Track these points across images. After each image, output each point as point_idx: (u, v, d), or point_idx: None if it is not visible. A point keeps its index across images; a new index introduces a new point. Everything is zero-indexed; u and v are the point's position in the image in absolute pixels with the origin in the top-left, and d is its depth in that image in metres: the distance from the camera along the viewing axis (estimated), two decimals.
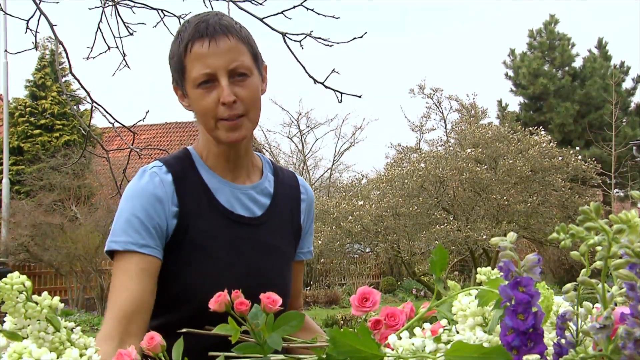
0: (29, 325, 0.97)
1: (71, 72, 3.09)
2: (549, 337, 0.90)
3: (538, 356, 0.77)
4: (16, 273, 0.95)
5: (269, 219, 1.65)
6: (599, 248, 0.76)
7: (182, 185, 1.57)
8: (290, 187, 1.74)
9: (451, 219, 14.18)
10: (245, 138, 1.59)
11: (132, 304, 1.47)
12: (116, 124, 3.14)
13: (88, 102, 3.10)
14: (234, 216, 1.60)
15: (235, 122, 1.53)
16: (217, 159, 1.62)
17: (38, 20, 2.94)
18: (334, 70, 2.68)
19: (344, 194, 17.70)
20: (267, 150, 22.88)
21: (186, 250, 1.55)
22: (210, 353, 1.01)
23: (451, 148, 16.50)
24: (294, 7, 2.86)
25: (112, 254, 1.54)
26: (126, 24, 3.20)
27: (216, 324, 1.36)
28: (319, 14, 2.89)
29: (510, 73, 24.94)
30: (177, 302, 1.57)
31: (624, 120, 23.22)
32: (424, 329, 0.92)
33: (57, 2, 2.99)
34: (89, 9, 3.12)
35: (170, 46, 1.61)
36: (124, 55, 3.26)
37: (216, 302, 0.98)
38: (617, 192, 20.93)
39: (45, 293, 1.00)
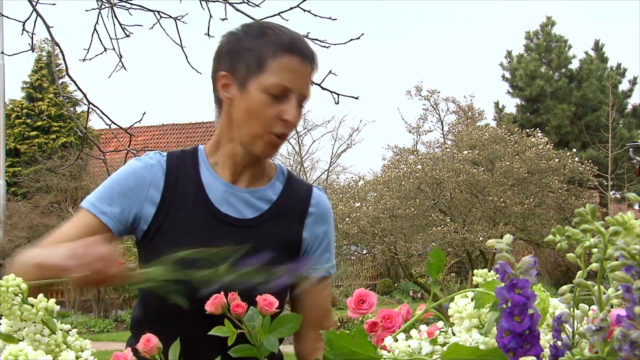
0: (24, 328, 0.97)
1: (68, 74, 3.08)
2: (545, 339, 0.90)
3: (534, 358, 0.77)
4: (12, 275, 0.95)
5: (260, 224, 1.62)
6: (595, 250, 0.76)
7: (174, 175, 1.59)
8: (298, 199, 1.68)
9: (448, 220, 14.18)
10: (272, 156, 1.61)
11: (62, 240, 1.54)
12: (113, 126, 3.13)
13: (85, 104, 3.10)
14: (219, 214, 1.59)
15: (280, 142, 1.55)
16: (226, 159, 1.61)
17: (34, 22, 2.94)
18: (330, 71, 2.68)
19: (340, 195, 17.69)
20: None
21: (159, 239, 1.56)
22: None
23: (448, 150, 16.50)
24: (291, 8, 2.86)
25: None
26: (123, 26, 3.20)
27: (185, 318, 1.39)
28: (315, 15, 2.89)
29: (507, 75, 24.98)
30: (146, 295, 1.60)
31: (621, 122, 23.27)
32: (420, 331, 0.92)
33: (53, 4, 2.99)
34: (86, 10, 3.12)
35: (236, 35, 1.58)
36: (120, 56, 3.25)
37: (212, 304, 0.98)
38: (613, 194, 20.96)
39: (40, 295, 0.99)
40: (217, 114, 1.63)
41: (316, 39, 2.82)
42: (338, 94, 2.77)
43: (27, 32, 2.98)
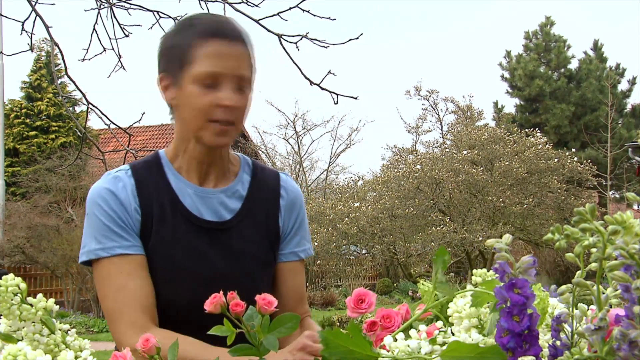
0: (23, 328, 0.97)
1: (67, 74, 3.08)
2: (544, 338, 0.90)
3: (533, 358, 0.77)
4: (11, 275, 0.95)
5: (239, 223, 1.60)
6: (594, 250, 0.76)
7: (145, 190, 1.55)
8: (268, 188, 1.67)
9: (447, 220, 14.19)
10: (227, 146, 1.57)
11: (145, 298, 1.46)
12: (112, 126, 3.13)
13: (84, 104, 3.10)
14: (199, 221, 1.56)
15: (226, 128, 1.51)
16: (190, 161, 1.58)
17: (34, 22, 2.94)
18: (330, 71, 2.68)
19: (340, 195, 17.70)
20: (263, 152, 22.87)
21: (149, 257, 1.52)
22: None
23: (447, 150, 16.52)
24: (290, 8, 2.86)
25: (89, 262, 1.52)
26: (122, 26, 3.19)
27: (183, 331, 1.36)
28: (314, 15, 2.89)
29: (506, 75, 24.99)
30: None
31: (620, 122, 23.28)
32: (419, 330, 0.92)
33: (52, 4, 2.99)
34: (85, 10, 3.12)
35: (166, 35, 1.57)
36: (119, 56, 3.25)
37: (211, 303, 0.98)
38: (612, 194, 20.97)
39: (40, 295, 0.99)
40: (172, 117, 1.61)
41: (315, 39, 2.82)
42: (337, 94, 2.77)
43: (26, 32, 2.98)
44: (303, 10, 2.87)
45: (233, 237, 1.59)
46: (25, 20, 2.96)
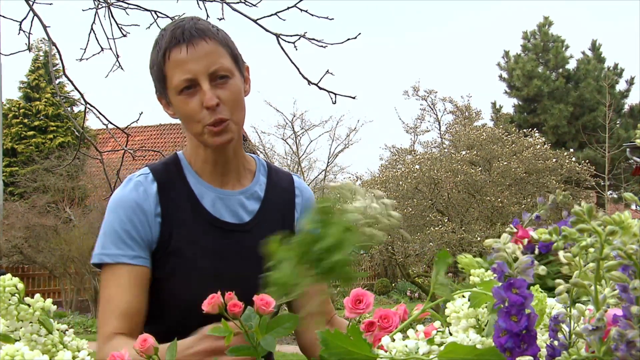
0: (21, 328, 0.97)
1: (65, 74, 3.09)
2: (542, 338, 0.90)
3: (531, 358, 0.77)
4: (9, 275, 0.95)
5: (258, 224, 1.62)
6: (591, 250, 0.76)
7: (166, 193, 1.56)
8: (283, 190, 1.70)
9: (445, 220, 14.19)
10: (232, 141, 1.57)
11: (130, 309, 1.48)
12: (110, 126, 3.13)
13: (82, 104, 3.10)
14: (220, 223, 1.58)
15: (220, 128, 1.52)
16: (205, 163, 1.60)
17: (31, 22, 2.94)
18: (328, 71, 2.68)
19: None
20: (261, 152, 22.85)
21: (171, 259, 1.54)
22: None
23: (445, 150, 16.53)
24: (288, 8, 2.86)
25: (99, 264, 1.54)
26: (119, 26, 3.19)
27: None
28: (312, 15, 2.89)
29: (505, 75, 25.00)
30: (162, 311, 1.56)
31: (618, 122, 23.30)
32: (417, 330, 0.92)
33: (50, 4, 2.98)
34: (82, 10, 3.12)
35: (150, 56, 1.59)
36: (117, 56, 3.25)
37: (209, 303, 0.98)
38: (610, 194, 20.98)
39: (37, 295, 0.99)
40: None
41: (313, 39, 2.82)
42: (335, 94, 2.77)
43: (24, 31, 2.98)
44: (301, 10, 2.87)
45: (252, 238, 1.59)
46: (22, 20, 2.96)
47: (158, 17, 3.08)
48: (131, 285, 1.50)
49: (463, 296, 0.97)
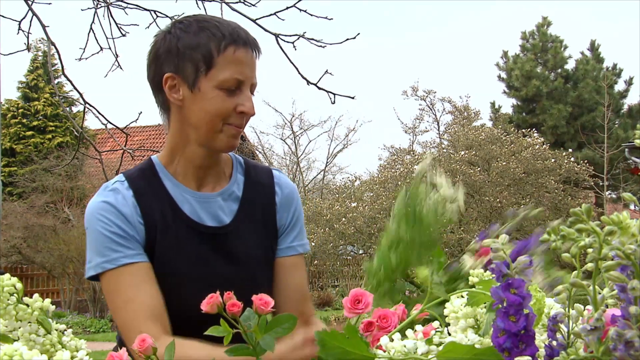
0: (20, 328, 0.97)
1: (64, 74, 3.09)
2: (541, 339, 0.91)
3: (529, 358, 0.77)
4: (7, 275, 0.95)
5: (238, 225, 1.60)
6: (590, 250, 0.76)
7: (144, 199, 1.54)
8: (262, 187, 1.67)
9: None
10: (235, 149, 1.59)
11: (155, 307, 1.45)
12: (109, 126, 3.13)
13: (81, 104, 3.10)
14: (200, 227, 1.56)
15: (240, 131, 1.53)
16: (187, 165, 1.58)
17: (30, 21, 2.94)
18: (327, 71, 2.68)
19: (337, 195, 17.69)
20: (260, 152, 22.86)
21: (156, 266, 1.52)
22: None
23: (444, 150, 16.54)
24: (287, 8, 2.86)
25: (99, 275, 1.50)
26: (119, 25, 3.20)
27: (189, 338, 1.34)
28: (311, 15, 2.89)
29: (503, 75, 24.99)
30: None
31: (616, 122, 23.30)
32: (416, 330, 0.92)
33: (49, 3, 2.99)
34: (82, 10, 3.12)
35: (180, 34, 1.53)
36: (116, 56, 3.25)
37: (208, 303, 0.98)
38: (609, 194, 20.99)
39: (36, 295, 0.99)
40: (166, 119, 1.59)
41: (312, 39, 2.82)
42: (334, 94, 2.78)
43: (23, 31, 2.98)
44: (300, 10, 2.87)
45: (234, 240, 1.59)
46: (22, 20, 2.97)
47: (157, 16, 3.08)
48: (144, 282, 1.47)
49: (462, 296, 0.97)
